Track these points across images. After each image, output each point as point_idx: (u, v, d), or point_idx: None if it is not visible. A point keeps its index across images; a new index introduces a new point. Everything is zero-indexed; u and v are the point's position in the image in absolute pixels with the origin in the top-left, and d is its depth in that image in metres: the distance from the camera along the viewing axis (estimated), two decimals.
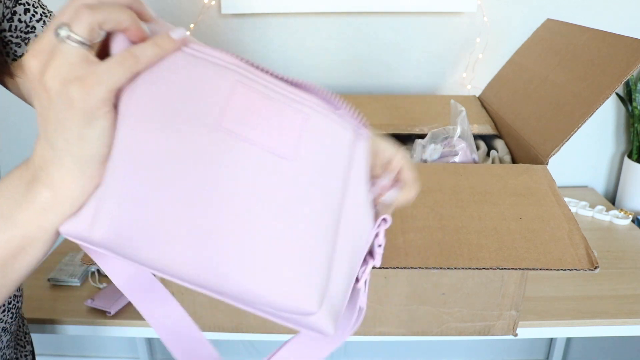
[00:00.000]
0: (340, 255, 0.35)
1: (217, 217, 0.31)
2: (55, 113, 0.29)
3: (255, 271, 0.31)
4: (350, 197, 0.36)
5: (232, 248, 0.31)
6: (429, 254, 0.58)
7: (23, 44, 0.51)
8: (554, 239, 0.60)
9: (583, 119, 0.68)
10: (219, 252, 0.31)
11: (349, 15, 1.15)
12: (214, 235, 0.31)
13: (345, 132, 0.36)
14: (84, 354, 1.53)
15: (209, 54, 0.33)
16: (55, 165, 0.31)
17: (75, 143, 0.30)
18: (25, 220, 0.32)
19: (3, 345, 0.56)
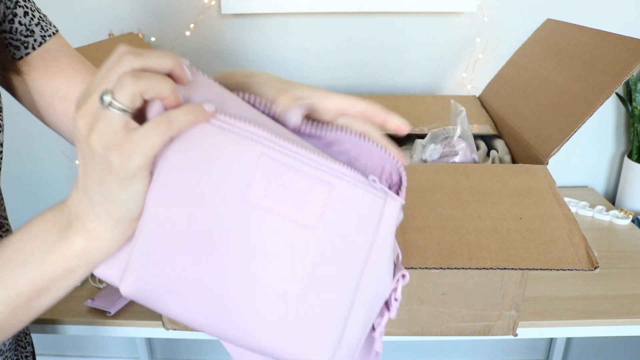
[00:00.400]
0: (357, 311, 0.36)
1: (237, 283, 0.33)
2: (96, 172, 0.31)
3: (273, 331, 0.34)
4: (374, 256, 0.36)
5: (251, 310, 0.34)
6: (428, 254, 0.58)
7: (22, 47, 0.51)
8: (554, 239, 0.60)
9: (583, 119, 0.68)
10: (238, 313, 0.33)
11: (349, 15, 1.15)
12: (234, 300, 0.33)
13: (374, 198, 0.36)
14: (84, 354, 1.53)
15: (236, 126, 0.33)
16: (91, 217, 0.33)
17: (112, 202, 0.32)
18: (55, 263, 0.34)
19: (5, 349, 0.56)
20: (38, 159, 1.27)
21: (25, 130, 1.24)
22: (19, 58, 0.52)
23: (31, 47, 0.52)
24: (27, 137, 1.25)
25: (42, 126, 1.22)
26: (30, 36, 0.51)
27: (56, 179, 1.29)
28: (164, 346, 1.52)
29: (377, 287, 0.36)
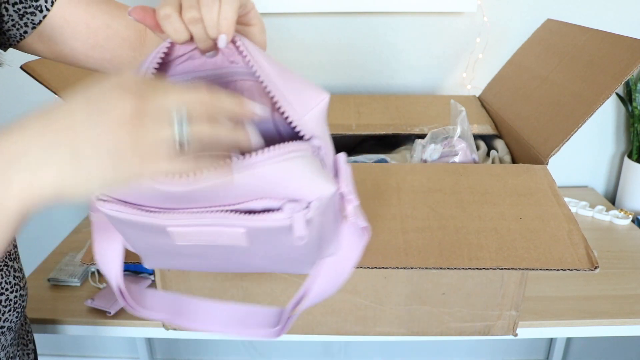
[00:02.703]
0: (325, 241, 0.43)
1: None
2: (112, 146, 0.30)
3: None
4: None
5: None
6: (429, 254, 0.58)
7: (37, 12, 0.52)
8: (554, 239, 0.60)
9: (583, 119, 0.68)
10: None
11: (349, 15, 1.15)
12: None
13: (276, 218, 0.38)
14: (83, 353, 1.53)
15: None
16: (55, 146, 0.31)
17: (92, 164, 0.31)
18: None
19: (7, 344, 0.56)
20: None
21: None
22: (38, 22, 0.52)
23: (45, 9, 0.52)
24: None
25: None
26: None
27: None
28: (164, 346, 1.52)
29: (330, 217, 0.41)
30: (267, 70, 0.38)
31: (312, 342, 1.49)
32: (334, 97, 1.11)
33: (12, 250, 0.56)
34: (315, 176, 0.36)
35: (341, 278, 0.46)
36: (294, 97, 0.38)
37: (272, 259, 0.42)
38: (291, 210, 0.35)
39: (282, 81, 0.38)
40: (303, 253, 0.42)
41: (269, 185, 0.35)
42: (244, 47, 0.38)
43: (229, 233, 0.37)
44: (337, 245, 0.46)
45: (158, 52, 0.39)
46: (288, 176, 0.35)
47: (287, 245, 0.39)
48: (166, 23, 0.37)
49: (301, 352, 1.51)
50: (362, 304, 0.71)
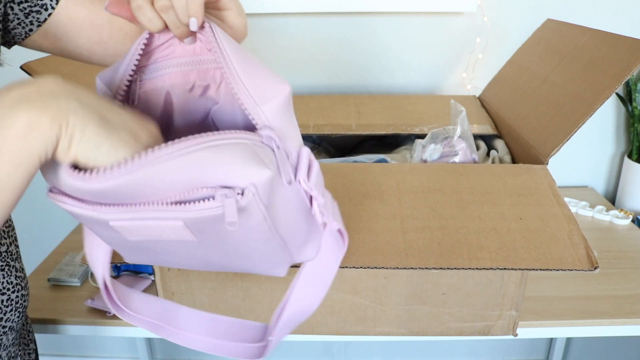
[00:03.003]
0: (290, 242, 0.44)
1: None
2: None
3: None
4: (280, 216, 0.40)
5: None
6: (429, 254, 0.58)
7: (42, 10, 0.53)
8: (554, 239, 0.60)
9: (583, 119, 0.68)
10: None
11: (349, 15, 1.15)
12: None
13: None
14: (83, 353, 1.53)
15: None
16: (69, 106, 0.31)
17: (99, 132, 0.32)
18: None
19: (9, 343, 0.56)
20: None
21: None
22: (43, 21, 0.53)
23: (50, 7, 0.53)
24: None
25: None
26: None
27: None
28: (164, 346, 1.52)
29: (292, 216, 0.41)
30: (230, 58, 0.38)
31: (312, 342, 1.49)
32: (333, 97, 1.11)
33: (13, 250, 0.56)
34: (248, 162, 0.35)
35: (321, 285, 0.46)
36: (253, 87, 0.38)
37: (233, 255, 0.41)
38: (223, 197, 0.34)
39: (243, 70, 0.38)
40: (264, 250, 0.41)
41: (195, 174, 0.34)
42: (211, 33, 0.39)
43: (169, 227, 0.36)
44: (316, 249, 0.46)
45: (139, 43, 0.40)
46: (213, 163, 0.34)
47: (237, 238, 0.38)
48: (139, 14, 0.38)
49: (301, 352, 1.51)
50: (362, 304, 0.71)
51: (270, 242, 0.41)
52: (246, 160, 0.34)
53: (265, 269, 0.45)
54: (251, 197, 0.35)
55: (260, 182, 0.35)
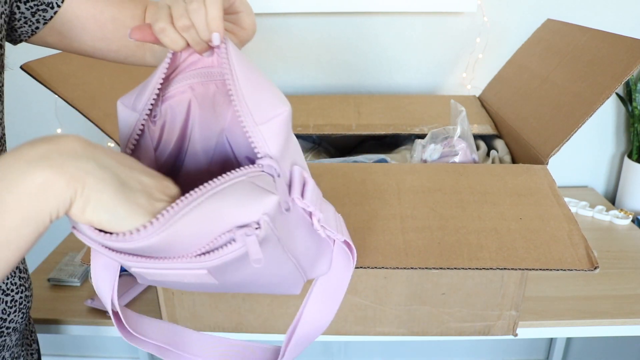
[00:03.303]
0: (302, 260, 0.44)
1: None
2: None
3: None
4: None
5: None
6: (429, 254, 0.58)
7: (48, 8, 0.54)
8: (554, 239, 0.60)
9: (583, 119, 0.68)
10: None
11: (349, 15, 1.15)
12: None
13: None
14: (84, 353, 1.53)
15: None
16: (86, 166, 0.31)
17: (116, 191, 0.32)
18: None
19: (12, 344, 0.56)
20: None
21: (24, 130, 1.24)
22: (50, 18, 0.55)
23: (56, 6, 0.54)
24: (26, 137, 1.24)
25: (41, 126, 1.23)
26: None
27: None
28: None
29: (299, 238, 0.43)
30: (237, 75, 0.40)
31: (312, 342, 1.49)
32: (334, 97, 1.11)
33: None
34: (253, 194, 0.36)
35: (333, 301, 0.47)
36: (254, 105, 0.39)
37: (250, 285, 0.42)
38: (244, 237, 0.35)
39: (247, 88, 0.40)
40: (279, 273, 0.42)
41: (209, 226, 0.34)
42: (225, 49, 0.40)
43: (192, 274, 0.37)
44: (328, 264, 0.47)
45: (163, 66, 0.41)
46: (223, 209, 0.34)
47: (254, 268, 0.38)
48: (163, 36, 0.39)
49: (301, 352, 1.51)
50: (362, 304, 0.71)
51: (284, 264, 0.41)
52: (251, 195, 0.36)
53: (281, 290, 0.46)
54: (267, 226, 0.36)
55: (270, 209, 0.36)
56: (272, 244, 0.38)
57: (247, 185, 0.36)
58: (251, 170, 0.37)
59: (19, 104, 1.21)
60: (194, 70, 0.44)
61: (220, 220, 0.34)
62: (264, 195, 0.36)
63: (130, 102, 0.41)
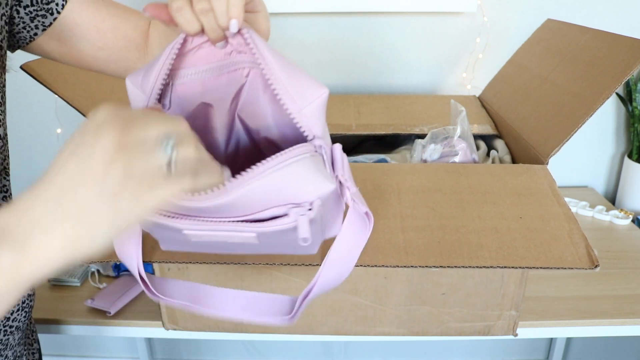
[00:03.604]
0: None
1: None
2: (96, 189, 0.29)
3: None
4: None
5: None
6: (429, 253, 0.58)
7: (48, 14, 0.53)
8: (554, 238, 0.60)
9: (583, 119, 0.68)
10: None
11: (348, 15, 1.15)
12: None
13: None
14: (84, 354, 1.53)
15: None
16: (44, 228, 0.29)
17: (90, 221, 0.29)
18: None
19: (15, 343, 0.57)
20: (38, 160, 1.27)
21: (24, 130, 1.24)
22: (49, 25, 0.53)
23: (56, 12, 0.53)
24: (26, 137, 1.25)
25: (41, 126, 1.23)
26: (52, 1, 0.53)
27: None
28: (164, 346, 1.52)
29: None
30: (270, 61, 0.40)
31: (312, 342, 1.49)
32: (333, 97, 1.11)
33: None
34: (313, 177, 0.38)
35: (349, 263, 0.48)
36: (295, 90, 0.40)
37: (279, 248, 0.45)
38: (296, 214, 0.38)
39: (284, 73, 0.40)
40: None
41: (270, 195, 0.37)
42: (250, 37, 0.40)
43: (241, 236, 0.39)
44: (339, 225, 0.49)
45: (173, 46, 0.40)
46: (286, 184, 0.37)
47: (294, 239, 0.41)
48: (178, 15, 0.38)
49: (301, 352, 1.51)
50: (362, 304, 0.71)
51: (315, 234, 0.43)
52: (313, 176, 0.38)
53: (303, 251, 0.48)
54: (318, 210, 0.39)
55: (324, 194, 0.39)
56: (316, 223, 0.40)
57: (312, 166, 0.38)
58: (308, 149, 0.39)
59: (19, 104, 1.21)
60: (206, 65, 0.44)
61: (279, 193, 0.37)
62: (322, 180, 0.39)
63: (138, 82, 0.41)
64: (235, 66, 0.45)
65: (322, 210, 0.41)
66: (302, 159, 0.38)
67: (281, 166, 0.37)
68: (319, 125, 0.41)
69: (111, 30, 0.55)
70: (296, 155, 0.38)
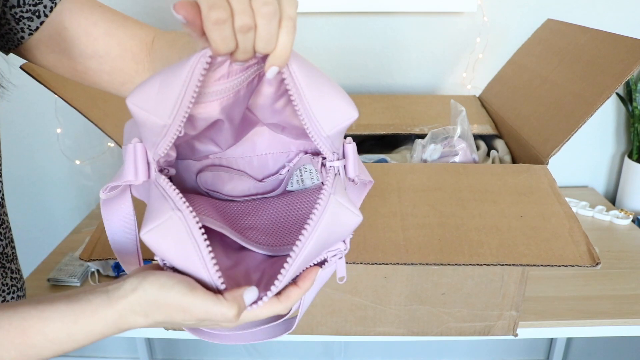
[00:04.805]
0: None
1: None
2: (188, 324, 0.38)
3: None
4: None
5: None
6: (429, 251, 0.58)
7: (34, 17, 0.49)
8: (555, 236, 0.60)
9: (583, 119, 0.68)
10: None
11: (349, 15, 1.15)
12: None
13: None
14: (83, 354, 1.53)
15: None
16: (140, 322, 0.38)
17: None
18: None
19: None
20: (37, 160, 1.27)
21: (24, 130, 1.24)
22: (35, 29, 0.50)
23: (43, 15, 0.50)
24: (26, 138, 1.25)
25: (41, 126, 1.23)
26: (40, 3, 0.49)
27: (56, 180, 1.29)
28: (164, 346, 1.52)
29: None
30: (300, 82, 0.35)
31: (312, 342, 1.49)
32: None
33: (9, 252, 0.55)
34: (343, 218, 0.38)
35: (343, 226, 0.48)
36: (322, 115, 0.37)
37: None
38: (335, 260, 0.40)
39: (312, 94, 0.36)
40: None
41: (311, 257, 0.39)
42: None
43: None
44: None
45: (196, 66, 0.33)
46: (317, 247, 0.38)
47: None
48: (215, 29, 0.31)
49: (301, 352, 1.51)
50: (362, 304, 0.71)
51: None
52: (344, 223, 0.39)
53: None
54: (349, 241, 0.41)
55: (354, 228, 0.40)
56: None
57: (337, 208, 0.38)
58: (330, 179, 0.39)
59: (19, 104, 1.21)
60: (223, 84, 0.37)
61: (322, 248, 0.39)
62: (353, 217, 0.39)
63: (149, 105, 0.35)
64: (253, 74, 0.39)
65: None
66: (326, 213, 0.37)
67: (313, 237, 0.37)
68: (340, 141, 0.41)
69: (103, 35, 0.51)
70: (322, 213, 0.37)
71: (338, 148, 0.40)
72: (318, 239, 0.37)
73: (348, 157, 0.42)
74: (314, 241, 0.36)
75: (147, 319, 0.37)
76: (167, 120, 0.35)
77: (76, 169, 1.27)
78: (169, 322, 0.37)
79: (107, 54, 0.52)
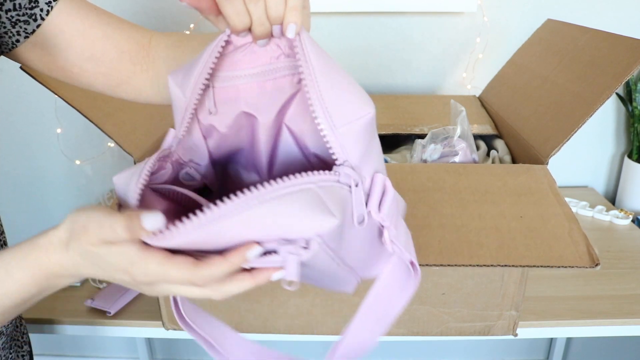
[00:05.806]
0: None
1: None
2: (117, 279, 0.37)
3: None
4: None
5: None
6: (429, 252, 0.58)
7: (31, 20, 0.49)
8: (555, 237, 0.60)
9: (583, 119, 0.68)
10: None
11: (348, 15, 1.15)
12: None
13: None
14: (83, 354, 1.53)
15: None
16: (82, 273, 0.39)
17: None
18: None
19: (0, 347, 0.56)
20: (37, 160, 1.27)
21: (23, 130, 1.24)
22: (32, 32, 0.50)
23: (40, 18, 0.49)
24: (26, 137, 1.24)
25: (41, 126, 1.23)
26: (36, 7, 0.49)
27: (56, 180, 1.29)
28: (164, 346, 1.52)
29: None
30: (313, 66, 0.35)
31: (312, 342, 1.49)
32: None
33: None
34: (312, 212, 0.32)
35: (384, 319, 0.42)
36: (333, 104, 0.35)
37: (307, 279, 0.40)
38: (286, 254, 0.32)
39: (326, 83, 0.35)
40: (329, 274, 0.39)
41: (255, 231, 0.32)
42: (298, 40, 0.36)
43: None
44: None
45: (217, 44, 0.36)
46: (273, 218, 0.31)
47: (321, 272, 0.37)
48: (228, 4, 0.34)
49: (301, 352, 1.51)
50: None
51: (336, 272, 0.39)
52: (309, 210, 0.32)
53: (332, 288, 0.44)
54: (317, 247, 0.33)
55: (326, 232, 0.32)
56: (323, 260, 0.35)
57: (311, 198, 0.32)
58: (324, 177, 0.33)
59: (19, 104, 1.21)
60: (249, 69, 0.38)
61: (270, 227, 0.31)
62: (324, 216, 0.32)
63: (179, 80, 0.37)
64: (283, 72, 0.39)
65: (341, 244, 0.36)
66: (302, 190, 0.32)
67: (273, 195, 0.31)
68: (358, 149, 0.35)
69: (101, 38, 0.51)
70: (295, 185, 0.32)
71: (354, 158, 0.35)
72: (264, 210, 0.31)
73: (373, 189, 0.37)
74: (255, 204, 0.31)
75: (68, 252, 0.37)
76: (188, 94, 0.37)
77: (76, 169, 1.27)
78: (82, 252, 0.36)
79: (104, 56, 0.51)
